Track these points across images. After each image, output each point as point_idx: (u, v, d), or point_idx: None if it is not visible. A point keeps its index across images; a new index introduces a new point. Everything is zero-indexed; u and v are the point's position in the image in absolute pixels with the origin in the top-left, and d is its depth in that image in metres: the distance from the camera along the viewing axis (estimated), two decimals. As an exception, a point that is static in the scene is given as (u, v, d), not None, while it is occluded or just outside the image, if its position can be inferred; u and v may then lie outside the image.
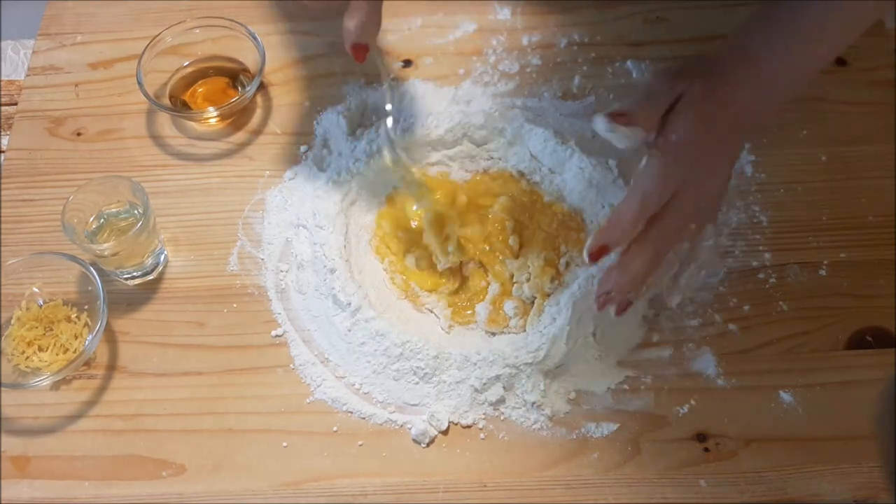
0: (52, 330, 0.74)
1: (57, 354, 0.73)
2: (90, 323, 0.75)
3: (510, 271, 0.77)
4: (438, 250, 0.77)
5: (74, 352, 0.73)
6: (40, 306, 0.75)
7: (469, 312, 0.76)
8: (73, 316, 0.75)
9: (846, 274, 0.77)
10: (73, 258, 0.74)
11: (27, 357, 0.73)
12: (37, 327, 0.74)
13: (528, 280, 0.76)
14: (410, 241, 0.79)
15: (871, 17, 0.67)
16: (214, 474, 0.70)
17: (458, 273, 0.78)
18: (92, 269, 0.74)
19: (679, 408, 0.71)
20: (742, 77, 0.66)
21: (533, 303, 0.75)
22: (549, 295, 0.75)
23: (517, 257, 0.77)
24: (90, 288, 0.74)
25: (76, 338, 0.74)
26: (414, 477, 0.69)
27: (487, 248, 0.78)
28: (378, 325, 0.73)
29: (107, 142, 0.87)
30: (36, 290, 0.75)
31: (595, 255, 0.66)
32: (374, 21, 0.72)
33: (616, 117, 0.64)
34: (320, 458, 0.70)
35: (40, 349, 0.73)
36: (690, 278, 0.73)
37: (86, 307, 0.75)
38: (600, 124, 0.64)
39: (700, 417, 0.71)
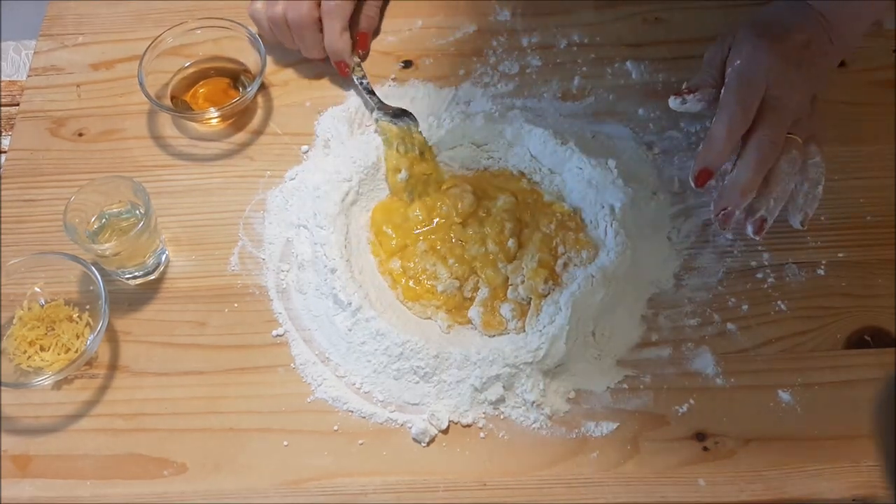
0: (53, 329, 0.74)
1: (59, 354, 0.73)
2: (92, 323, 0.75)
3: (504, 275, 0.77)
4: (441, 271, 0.77)
5: (76, 351, 0.73)
6: (42, 306, 0.75)
7: (466, 313, 0.76)
8: (74, 315, 0.75)
9: (845, 274, 0.77)
10: (75, 258, 0.75)
11: (29, 357, 0.73)
12: (38, 327, 0.74)
13: (522, 282, 0.76)
14: (405, 238, 0.79)
15: None
16: (215, 473, 0.70)
17: (458, 293, 0.77)
18: (93, 268, 0.74)
19: (678, 407, 0.71)
20: (799, 19, 0.73)
21: (530, 304, 0.76)
22: (544, 296, 0.75)
23: (513, 259, 0.77)
24: (92, 288, 0.74)
25: (78, 337, 0.74)
26: (414, 476, 0.69)
27: (484, 250, 0.78)
28: (378, 324, 0.73)
29: (108, 142, 0.87)
30: (38, 289, 0.76)
31: (700, 179, 0.71)
32: (345, 38, 0.87)
33: (683, 92, 0.72)
34: (321, 456, 0.70)
35: (42, 349, 0.74)
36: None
37: (87, 307, 0.75)
38: (673, 103, 0.73)
39: (699, 416, 0.71)
